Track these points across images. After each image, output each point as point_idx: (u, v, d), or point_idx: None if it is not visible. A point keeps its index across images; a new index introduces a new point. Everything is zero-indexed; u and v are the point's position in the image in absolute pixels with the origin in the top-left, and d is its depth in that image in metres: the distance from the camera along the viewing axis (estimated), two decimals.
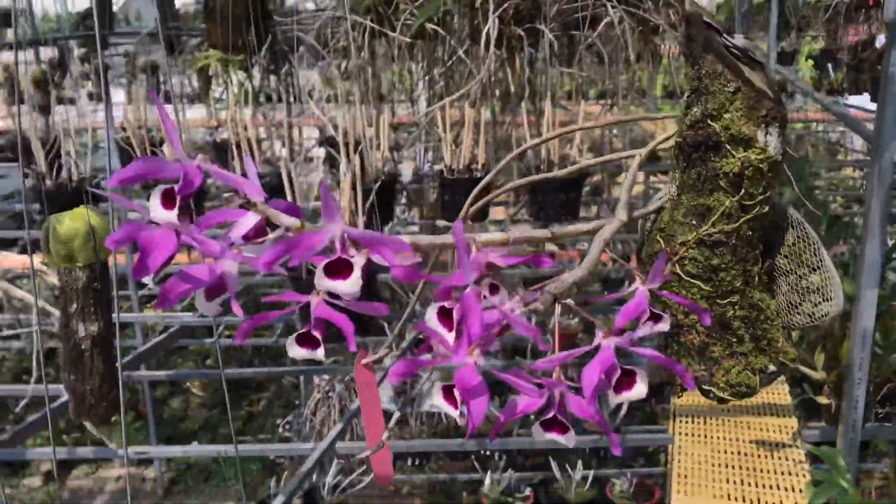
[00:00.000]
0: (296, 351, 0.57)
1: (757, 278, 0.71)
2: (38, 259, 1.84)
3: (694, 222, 0.69)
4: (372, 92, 3.98)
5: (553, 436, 0.57)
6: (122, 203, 0.56)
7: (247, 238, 0.62)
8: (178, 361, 7.11)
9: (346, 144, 1.79)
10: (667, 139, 0.73)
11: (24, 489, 5.90)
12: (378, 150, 2.02)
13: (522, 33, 3.09)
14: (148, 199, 0.56)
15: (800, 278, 0.73)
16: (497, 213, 4.81)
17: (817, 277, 0.72)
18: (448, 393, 0.54)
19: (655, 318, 0.63)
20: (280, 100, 4.07)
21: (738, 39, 0.68)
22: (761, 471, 2.52)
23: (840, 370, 3.09)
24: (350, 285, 0.52)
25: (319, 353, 0.57)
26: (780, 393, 3.03)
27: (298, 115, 4.42)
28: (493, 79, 3.13)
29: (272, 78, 4.04)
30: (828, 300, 0.72)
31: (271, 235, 0.58)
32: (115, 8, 6.32)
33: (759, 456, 2.62)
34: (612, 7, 3.39)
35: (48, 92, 4.91)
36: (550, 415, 0.56)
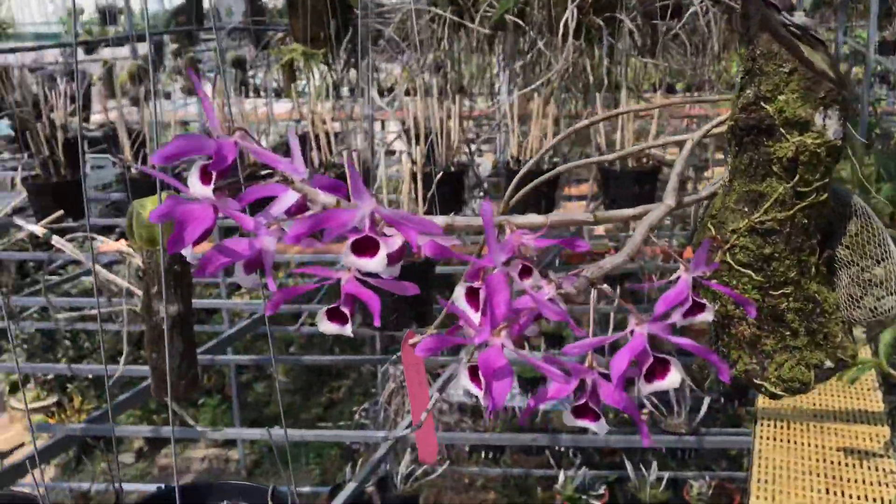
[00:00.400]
0: (325, 325, 0.58)
1: (814, 269, 0.68)
2: (125, 243, 1.93)
3: (746, 209, 0.67)
4: (451, 84, 3.99)
5: (585, 423, 0.56)
6: (163, 179, 0.58)
7: (290, 214, 0.63)
8: (264, 348, 7.33)
9: (416, 135, 1.80)
10: (720, 123, 0.70)
11: (120, 464, 6.21)
12: (448, 141, 2.02)
13: (602, 23, 3.03)
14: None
15: (862, 270, 0.69)
16: (572, 208, 4.74)
17: (881, 270, 0.68)
18: (474, 373, 0.54)
19: (698, 308, 0.61)
20: (361, 93, 4.13)
21: (799, 17, 0.65)
22: (847, 480, 2.40)
23: None
24: (377, 263, 0.53)
25: (347, 328, 0.58)
26: (871, 399, 2.89)
27: (380, 109, 4.48)
28: (571, 70, 3.08)
29: (353, 71, 4.10)
30: (892, 294, 0.68)
31: (308, 212, 0.59)
32: (206, 5, 6.54)
33: (845, 465, 2.50)
34: None
35: (142, 86, 5.13)
36: (581, 401, 0.55)
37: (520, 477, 5.46)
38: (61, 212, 1.82)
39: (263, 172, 2.71)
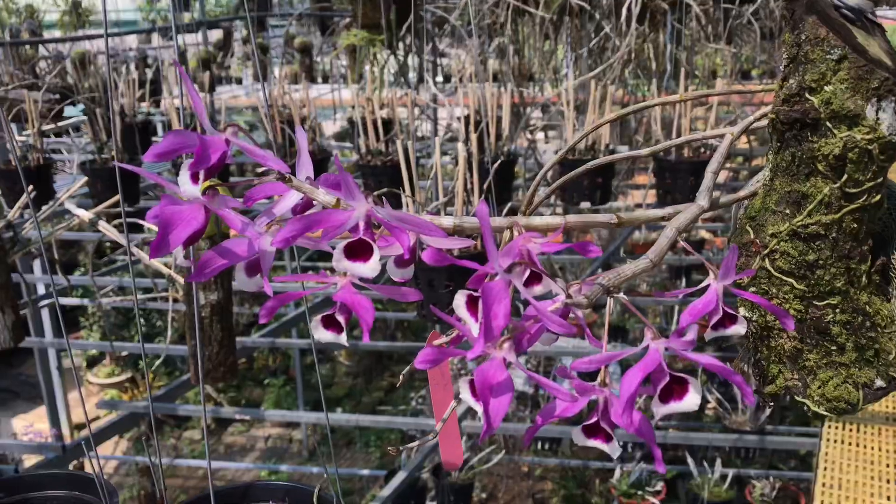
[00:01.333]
0: (321, 333, 0.55)
1: (864, 278, 0.61)
2: None
3: (787, 211, 0.60)
4: (514, 70, 3.92)
5: (596, 443, 0.51)
6: (150, 178, 0.56)
7: (296, 213, 0.60)
8: None
9: (468, 124, 1.76)
10: (763, 116, 0.64)
11: (186, 441, 6.39)
12: (498, 129, 1.97)
13: (667, 7, 2.92)
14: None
15: None
16: (638, 196, 4.62)
17: None
18: (474, 388, 0.50)
19: (730, 320, 0.55)
20: (422, 79, 4.10)
21: None
22: None
23: None
24: (369, 268, 0.49)
25: (342, 338, 0.54)
26: None
27: (446, 94, 4.44)
28: (634, 56, 2.99)
29: (415, 57, 4.07)
30: None
31: (309, 212, 0.55)
32: None
33: None
34: None
35: (211, 71, 5.22)
36: (592, 420, 0.51)
37: (577, 468, 5.39)
38: (118, 196, 1.84)
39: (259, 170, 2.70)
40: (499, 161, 1.80)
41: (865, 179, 0.57)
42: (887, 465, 2.42)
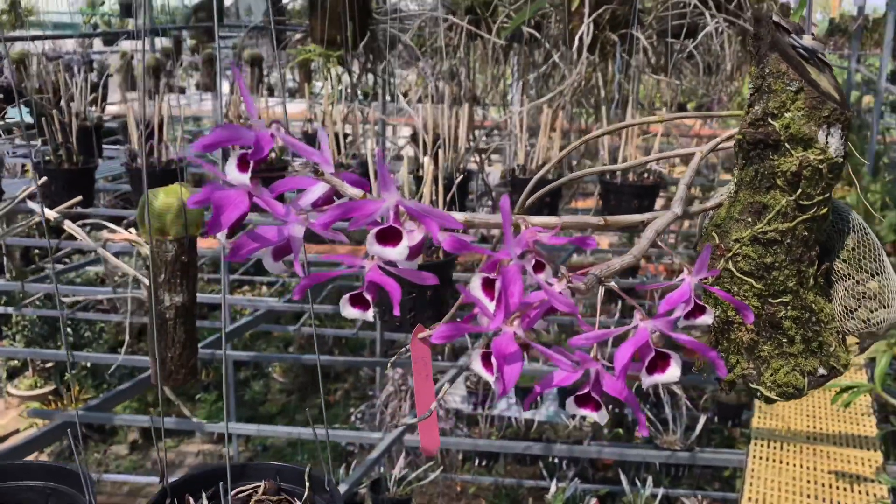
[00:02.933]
0: (348, 311, 0.61)
1: (812, 280, 0.71)
2: (134, 232, 1.97)
3: (749, 219, 0.70)
4: (465, 93, 4.03)
5: (586, 412, 0.59)
6: (204, 167, 0.62)
7: (315, 205, 0.67)
8: (262, 347, 7.36)
9: (425, 142, 1.84)
10: (729, 137, 0.74)
11: (112, 456, 6.22)
12: (455, 148, 2.06)
13: (617, 39, 3.07)
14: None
15: (857, 283, 0.72)
16: None
17: (875, 284, 0.71)
18: (486, 359, 0.57)
19: (700, 310, 0.64)
20: (375, 97, 4.18)
21: (807, 40, 0.69)
22: (839, 503, 2.42)
23: None
24: (398, 252, 0.56)
25: (369, 314, 0.61)
26: (865, 424, 2.91)
27: (392, 114, 4.52)
28: (584, 84, 3.13)
29: (369, 75, 4.14)
30: (885, 307, 0.71)
31: (336, 203, 0.62)
32: (226, 2, 6.60)
33: (836, 488, 2.51)
34: (712, 16, 3.33)
35: (158, 79, 5.18)
36: (585, 390, 0.59)
37: (511, 487, 5.47)
38: (79, 198, 1.86)
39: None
40: (461, 177, 1.89)
41: (816, 194, 0.68)
42: (807, 482, 2.57)
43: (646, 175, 2.61)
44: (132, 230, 1.86)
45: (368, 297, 0.61)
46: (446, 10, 3.83)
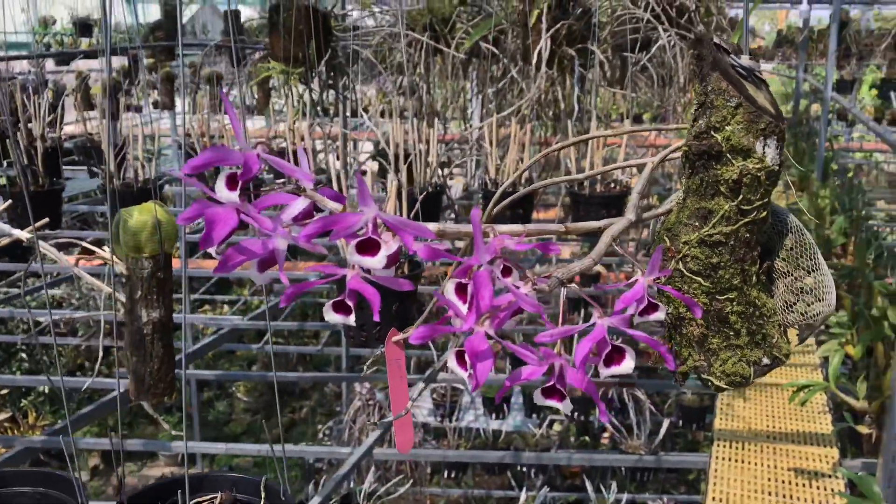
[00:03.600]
0: (331, 316, 0.66)
1: (755, 277, 0.78)
2: (108, 251, 1.98)
3: (696, 224, 0.77)
4: (426, 108, 4.09)
5: (552, 402, 0.64)
6: (197, 186, 0.65)
7: (296, 220, 0.72)
8: (226, 366, 7.31)
9: (396, 157, 1.89)
10: (677, 149, 0.80)
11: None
12: (426, 163, 2.11)
13: (574, 53, 3.16)
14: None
15: (795, 280, 0.79)
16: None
17: (811, 280, 0.78)
18: (460, 357, 0.62)
19: (653, 308, 0.70)
20: (337, 113, 4.22)
21: (745, 60, 0.76)
22: (798, 499, 2.51)
23: (882, 400, 3.06)
24: (377, 261, 0.61)
25: (351, 318, 0.66)
26: (822, 422, 3.01)
27: (355, 129, 4.56)
28: (543, 98, 3.21)
29: (330, 91, 4.19)
30: (820, 301, 0.78)
31: (318, 216, 0.67)
32: (183, 20, 6.59)
33: (796, 484, 2.60)
34: (665, 30, 3.45)
35: (117, 99, 5.15)
36: (550, 383, 0.64)
37: (481, 498, 5.50)
38: (46, 220, 1.87)
39: None
40: (426, 192, 1.95)
41: (756, 199, 0.75)
42: (768, 480, 2.66)
43: (612, 185, 2.70)
44: (105, 248, 1.88)
45: (350, 303, 0.66)
46: (406, 26, 3.90)
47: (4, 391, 6.54)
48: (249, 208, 0.64)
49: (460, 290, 0.62)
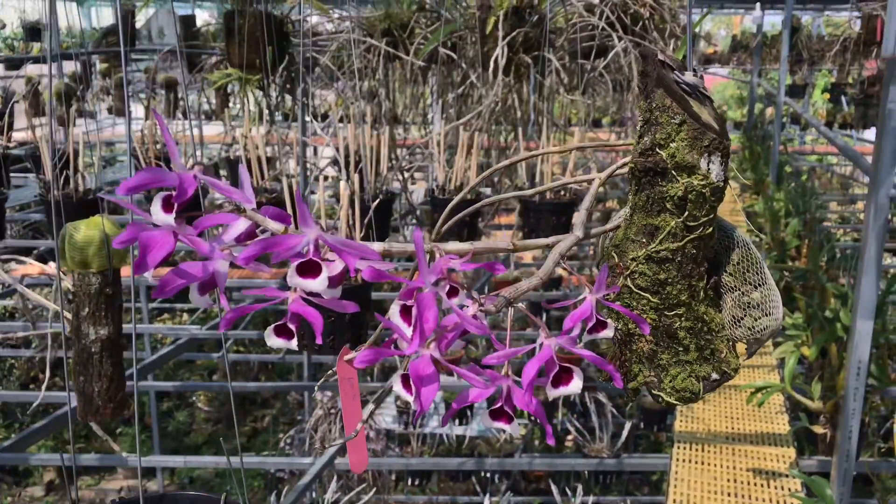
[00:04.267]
0: (273, 340, 0.64)
1: (702, 293, 0.78)
2: (54, 265, 1.93)
3: (644, 240, 0.77)
4: (385, 113, 4.08)
5: (500, 424, 0.63)
6: (134, 210, 0.63)
7: (239, 240, 0.70)
8: (186, 375, 7.19)
9: (347, 163, 1.87)
10: (624, 165, 0.80)
11: (27, 499, 5.96)
12: (377, 171, 2.10)
13: (530, 61, 3.18)
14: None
15: (743, 294, 0.80)
16: (501, 236, 4.88)
17: (758, 294, 0.79)
18: (406, 381, 0.61)
19: (601, 325, 0.70)
20: (294, 119, 4.18)
21: (689, 77, 0.76)
22: (757, 499, 2.54)
23: (836, 400, 3.12)
24: (318, 283, 0.60)
25: (293, 343, 0.64)
26: (779, 423, 3.06)
27: (313, 134, 4.53)
28: (500, 104, 3.22)
29: (288, 97, 4.15)
30: (767, 315, 0.78)
31: (258, 238, 0.65)
32: (137, 25, 6.48)
33: (755, 484, 2.64)
34: (619, 38, 3.48)
35: (69, 105, 5.05)
36: (498, 405, 0.63)
37: None
38: None
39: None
40: (378, 199, 1.93)
41: (701, 215, 0.75)
42: (728, 480, 2.69)
43: (563, 193, 2.71)
44: (51, 263, 1.83)
45: (292, 326, 0.64)
46: (363, 31, 3.88)
47: None
48: (187, 230, 0.62)
49: (405, 312, 0.61)
